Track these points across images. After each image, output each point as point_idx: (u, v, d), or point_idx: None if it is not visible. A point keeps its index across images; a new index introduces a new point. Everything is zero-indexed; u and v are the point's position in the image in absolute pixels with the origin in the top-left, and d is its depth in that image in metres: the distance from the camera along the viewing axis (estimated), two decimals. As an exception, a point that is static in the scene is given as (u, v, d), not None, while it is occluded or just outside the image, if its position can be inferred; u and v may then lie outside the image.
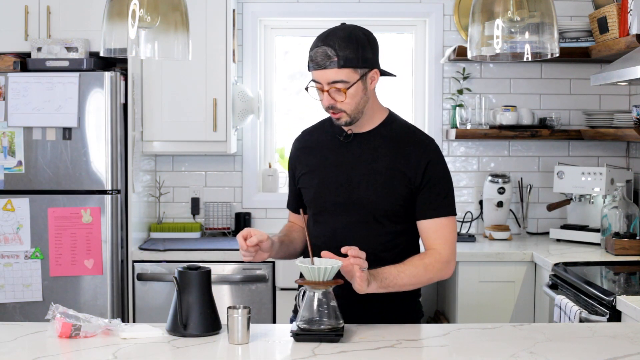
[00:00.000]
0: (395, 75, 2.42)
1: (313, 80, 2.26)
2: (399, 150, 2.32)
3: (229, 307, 2.05)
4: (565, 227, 4.15)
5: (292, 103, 4.54)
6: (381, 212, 2.30)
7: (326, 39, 2.22)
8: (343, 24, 2.30)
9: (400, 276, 2.20)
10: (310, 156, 2.41)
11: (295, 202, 2.49)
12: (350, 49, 2.21)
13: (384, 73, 2.34)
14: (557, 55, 2.36)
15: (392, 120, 2.39)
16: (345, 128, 2.34)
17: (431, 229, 2.31)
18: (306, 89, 2.29)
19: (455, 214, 2.34)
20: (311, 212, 2.40)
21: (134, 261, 3.84)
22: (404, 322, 2.33)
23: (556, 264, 3.43)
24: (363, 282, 2.07)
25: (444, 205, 2.31)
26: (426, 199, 2.30)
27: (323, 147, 2.39)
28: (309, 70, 2.26)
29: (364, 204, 2.30)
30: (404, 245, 2.36)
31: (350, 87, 2.22)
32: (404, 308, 2.39)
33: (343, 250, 2.08)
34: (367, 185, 2.30)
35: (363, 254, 2.08)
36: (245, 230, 2.24)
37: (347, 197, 2.31)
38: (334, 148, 2.36)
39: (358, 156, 2.33)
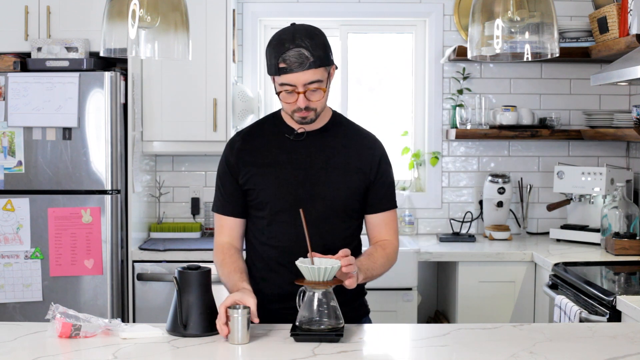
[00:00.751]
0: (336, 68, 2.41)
1: (285, 84, 2.22)
2: (351, 146, 2.37)
3: (228, 307, 2.05)
4: (565, 227, 4.15)
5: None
6: (341, 207, 2.33)
7: (294, 40, 2.19)
8: (294, 24, 2.27)
9: (374, 267, 2.29)
10: (256, 157, 2.36)
11: (238, 206, 2.39)
12: (319, 47, 2.21)
13: None
14: (557, 55, 2.36)
15: (339, 118, 2.44)
16: (297, 127, 2.34)
17: (384, 222, 2.41)
18: (278, 93, 2.27)
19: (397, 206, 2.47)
20: (266, 213, 2.33)
21: (134, 261, 3.84)
22: (354, 317, 2.37)
23: (556, 264, 3.43)
24: (354, 284, 2.12)
25: (393, 199, 2.43)
26: (379, 193, 2.38)
27: (272, 147, 2.36)
28: (279, 74, 2.21)
29: (324, 199, 2.31)
30: (358, 241, 2.44)
31: (327, 85, 2.25)
32: (353, 304, 2.42)
33: (340, 253, 2.10)
34: (326, 181, 2.32)
35: (353, 259, 2.11)
36: (230, 301, 2.08)
37: (307, 194, 2.30)
38: (285, 147, 2.35)
39: (313, 153, 2.34)
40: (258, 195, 2.34)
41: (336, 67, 2.36)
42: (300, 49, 2.18)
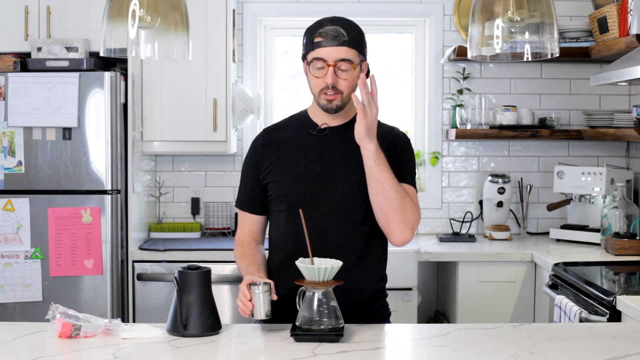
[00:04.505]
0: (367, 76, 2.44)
1: (317, 58, 2.25)
2: None
3: (249, 284, 2.11)
4: (565, 227, 4.15)
5: (292, 103, 4.54)
6: (358, 202, 2.31)
7: (333, 21, 2.29)
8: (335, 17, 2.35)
9: (390, 173, 2.21)
10: (278, 151, 2.39)
11: (258, 204, 2.43)
12: (356, 33, 2.29)
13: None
14: (557, 55, 2.36)
15: None
16: (320, 123, 2.37)
17: None
18: (308, 63, 2.28)
19: (416, 192, 2.38)
20: (283, 206, 2.35)
21: (134, 261, 3.84)
22: (374, 320, 2.35)
23: (556, 264, 3.43)
24: (368, 115, 2.15)
25: (411, 177, 2.36)
26: (399, 168, 2.30)
27: (295, 142, 2.38)
28: (314, 48, 2.26)
29: (342, 194, 2.31)
30: (381, 241, 2.38)
31: (357, 67, 2.27)
32: (373, 307, 2.39)
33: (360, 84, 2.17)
34: (345, 176, 2.31)
35: (375, 88, 2.17)
36: (249, 280, 2.16)
37: (325, 189, 2.31)
38: (307, 142, 2.37)
39: (333, 148, 2.35)
40: (276, 189, 2.36)
41: (369, 70, 2.36)
42: (337, 26, 2.26)
